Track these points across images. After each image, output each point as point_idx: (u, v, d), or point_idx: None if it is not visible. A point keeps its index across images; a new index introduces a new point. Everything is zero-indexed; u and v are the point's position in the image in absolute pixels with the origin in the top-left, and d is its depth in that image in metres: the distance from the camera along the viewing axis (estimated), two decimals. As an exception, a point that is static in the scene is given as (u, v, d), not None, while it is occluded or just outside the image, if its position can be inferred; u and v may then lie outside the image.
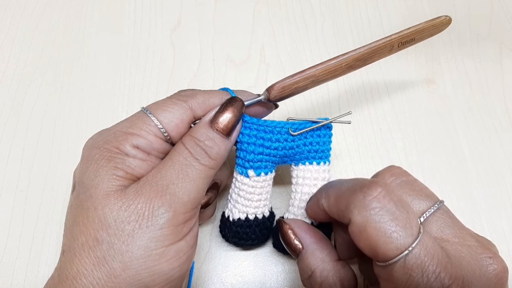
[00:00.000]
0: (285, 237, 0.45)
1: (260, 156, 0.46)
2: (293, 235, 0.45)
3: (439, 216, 0.39)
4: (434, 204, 0.39)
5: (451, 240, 0.37)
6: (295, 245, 0.44)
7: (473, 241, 0.37)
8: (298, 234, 0.44)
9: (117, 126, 0.43)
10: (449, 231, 0.38)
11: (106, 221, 0.37)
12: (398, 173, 0.42)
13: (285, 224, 0.45)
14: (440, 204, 0.40)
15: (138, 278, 0.37)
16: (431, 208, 0.39)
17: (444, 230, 0.38)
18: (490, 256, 0.37)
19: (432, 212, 0.39)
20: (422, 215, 0.39)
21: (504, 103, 0.66)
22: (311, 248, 0.43)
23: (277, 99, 0.46)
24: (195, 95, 0.44)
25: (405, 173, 0.43)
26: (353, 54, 0.47)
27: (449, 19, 0.52)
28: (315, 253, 0.43)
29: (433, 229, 0.38)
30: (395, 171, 0.43)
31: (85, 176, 0.39)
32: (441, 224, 0.38)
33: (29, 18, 0.72)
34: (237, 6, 0.74)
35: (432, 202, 0.40)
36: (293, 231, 0.45)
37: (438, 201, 0.40)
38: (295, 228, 0.45)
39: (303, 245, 0.44)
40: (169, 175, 0.40)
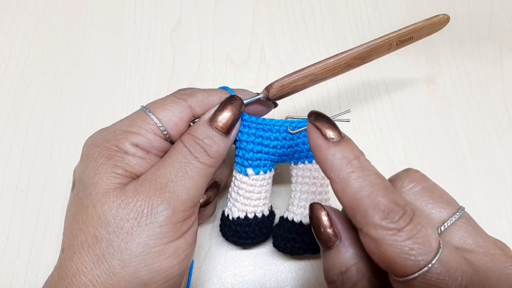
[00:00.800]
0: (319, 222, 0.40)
1: (259, 154, 0.46)
2: (329, 222, 0.39)
3: (461, 225, 0.36)
4: (456, 212, 0.37)
5: (475, 250, 0.35)
6: (330, 235, 0.39)
7: (497, 249, 0.35)
8: (336, 223, 0.39)
9: (116, 124, 0.43)
10: (472, 241, 0.36)
11: (105, 218, 0.37)
12: (418, 179, 0.39)
13: (321, 209, 0.40)
14: (462, 212, 0.37)
15: (137, 275, 0.37)
16: (452, 217, 0.37)
17: (466, 240, 0.36)
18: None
19: (454, 221, 0.37)
20: (443, 224, 0.36)
21: (504, 103, 0.66)
22: (350, 242, 0.38)
23: (276, 98, 0.46)
24: (195, 93, 0.44)
25: (424, 178, 0.40)
26: (351, 53, 0.47)
27: (447, 18, 0.52)
28: (354, 247, 0.38)
29: (455, 239, 0.36)
30: (415, 176, 0.40)
31: (85, 174, 0.40)
32: (464, 234, 0.36)
33: (29, 18, 0.72)
34: (237, 6, 0.74)
35: (453, 209, 0.37)
36: (331, 218, 0.40)
37: (459, 208, 0.38)
38: (334, 215, 0.40)
39: (340, 236, 0.39)
40: (168, 173, 0.40)
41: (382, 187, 0.35)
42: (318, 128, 0.38)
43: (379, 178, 0.36)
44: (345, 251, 0.38)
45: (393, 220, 0.33)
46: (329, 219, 0.39)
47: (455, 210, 0.37)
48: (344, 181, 0.35)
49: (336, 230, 0.39)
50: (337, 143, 0.37)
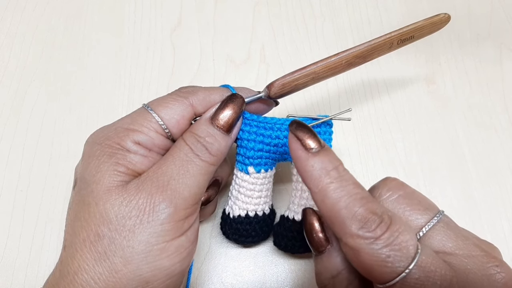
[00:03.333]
0: (311, 228, 0.40)
1: (260, 153, 0.46)
2: (321, 227, 0.40)
3: (440, 229, 0.37)
4: (434, 217, 0.38)
5: (455, 253, 0.36)
6: (321, 239, 0.40)
7: (477, 250, 0.36)
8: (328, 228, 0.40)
9: (118, 122, 0.43)
10: (452, 244, 0.36)
11: (107, 216, 0.37)
12: (395, 187, 0.40)
13: (314, 214, 0.41)
14: (440, 216, 0.38)
15: (139, 273, 0.37)
16: (430, 222, 0.37)
17: (446, 243, 0.37)
18: (497, 265, 0.35)
19: (432, 226, 0.37)
20: (421, 230, 0.37)
21: (504, 103, 0.66)
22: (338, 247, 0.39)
23: (277, 96, 0.47)
24: (196, 91, 0.44)
25: (401, 185, 0.41)
26: (353, 51, 0.47)
27: (448, 17, 0.52)
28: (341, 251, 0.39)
29: (435, 243, 0.37)
30: (391, 184, 0.41)
31: (87, 171, 0.40)
32: (443, 237, 0.37)
33: (29, 18, 0.72)
34: (237, 6, 0.74)
35: (431, 214, 0.38)
36: (322, 223, 0.40)
37: (437, 212, 0.38)
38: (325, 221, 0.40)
39: (332, 241, 0.39)
40: (170, 171, 0.40)
41: (359, 197, 0.35)
42: (298, 139, 0.38)
43: (357, 187, 0.36)
44: (336, 255, 0.39)
45: (370, 229, 0.34)
46: (320, 224, 0.40)
47: (433, 215, 0.38)
48: (322, 192, 0.36)
49: (328, 235, 0.40)
50: (316, 153, 0.37)
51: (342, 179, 0.36)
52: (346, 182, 0.36)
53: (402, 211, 0.39)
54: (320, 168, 0.37)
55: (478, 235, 0.39)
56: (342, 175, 0.37)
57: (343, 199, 0.35)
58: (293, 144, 0.38)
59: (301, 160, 0.38)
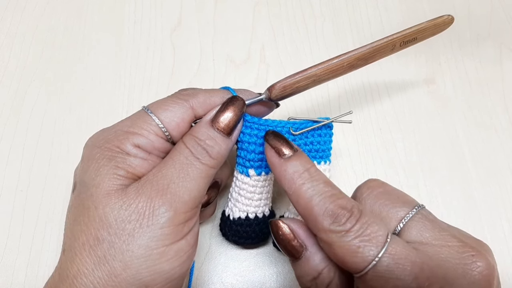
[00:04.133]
0: (284, 237, 0.40)
1: (261, 155, 0.46)
2: (292, 234, 0.40)
3: (418, 220, 0.39)
4: (412, 209, 0.39)
5: (431, 243, 0.37)
6: (295, 247, 0.40)
7: (454, 241, 0.37)
8: (299, 234, 0.40)
9: (118, 125, 0.43)
10: (429, 234, 0.38)
11: (107, 220, 0.37)
12: (374, 186, 0.42)
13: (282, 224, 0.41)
14: (419, 208, 0.40)
15: (138, 277, 0.37)
16: (409, 214, 0.39)
17: (423, 233, 0.38)
18: (473, 254, 0.36)
19: (411, 217, 0.39)
20: (400, 222, 0.39)
21: (504, 103, 0.66)
22: (316, 248, 0.39)
23: (278, 98, 0.46)
24: (196, 94, 0.44)
25: (381, 184, 0.43)
26: (355, 54, 0.47)
27: (451, 19, 0.52)
28: (321, 252, 0.39)
29: (413, 234, 0.38)
30: (371, 184, 0.43)
31: (86, 175, 0.40)
32: (420, 228, 0.38)
33: (29, 18, 0.72)
34: (237, 6, 0.74)
35: (410, 207, 0.40)
36: (292, 231, 0.40)
37: (415, 206, 0.40)
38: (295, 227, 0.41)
39: (306, 245, 0.40)
40: (170, 174, 0.40)
41: (329, 194, 0.38)
42: (272, 147, 0.41)
43: (327, 186, 0.39)
44: (313, 258, 0.40)
45: (341, 223, 0.36)
46: (291, 232, 0.41)
47: (412, 208, 0.40)
48: (296, 193, 0.39)
49: (300, 241, 0.40)
50: (289, 158, 0.40)
51: (313, 180, 0.39)
52: (317, 181, 0.39)
53: (382, 206, 0.40)
54: (292, 172, 0.39)
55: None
56: (313, 175, 0.39)
57: (315, 197, 0.38)
58: (268, 153, 0.41)
59: (275, 166, 0.41)
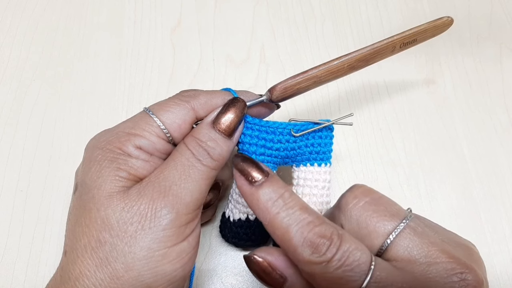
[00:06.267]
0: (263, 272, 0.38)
1: (262, 157, 0.46)
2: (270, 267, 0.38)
3: (406, 236, 0.37)
4: (400, 223, 0.37)
5: (419, 261, 0.36)
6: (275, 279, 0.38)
7: (443, 257, 0.36)
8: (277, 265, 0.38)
9: (119, 126, 0.43)
10: (417, 251, 0.36)
11: (108, 222, 0.37)
12: (361, 194, 0.40)
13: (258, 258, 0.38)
14: (406, 221, 0.38)
15: (140, 279, 0.37)
16: (396, 229, 0.37)
17: (411, 251, 0.36)
18: (462, 272, 0.35)
19: (398, 233, 0.37)
20: (388, 237, 0.37)
21: (504, 103, 0.66)
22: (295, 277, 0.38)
23: (279, 100, 0.46)
24: (198, 95, 0.44)
25: (368, 192, 0.41)
26: (355, 55, 0.47)
27: (451, 20, 0.52)
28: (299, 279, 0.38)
29: (400, 251, 0.37)
30: (358, 192, 0.40)
31: (88, 177, 0.39)
32: (408, 245, 0.37)
33: (29, 18, 0.72)
34: (237, 6, 0.74)
35: (397, 221, 0.38)
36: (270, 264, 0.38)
37: (404, 218, 0.38)
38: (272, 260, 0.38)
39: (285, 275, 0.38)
40: (171, 176, 0.39)
41: (306, 222, 0.36)
42: (243, 173, 0.39)
43: (303, 213, 0.36)
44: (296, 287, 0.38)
45: (321, 253, 0.34)
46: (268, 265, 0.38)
47: (400, 221, 0.38)
48: (272, 224, 0.37)
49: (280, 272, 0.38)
50: (260, 186, 0.38)
51: (288, 207, 0.36)
52: (292, 209, 0.36)
53: (369, 218, 0.38)
54: (265, 200, 0.37)
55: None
56: (288, 202, 0.37)
57: (291, 227, 0.35)
58: (237, 180, 0.39)
59: (247, 195, 0.38)
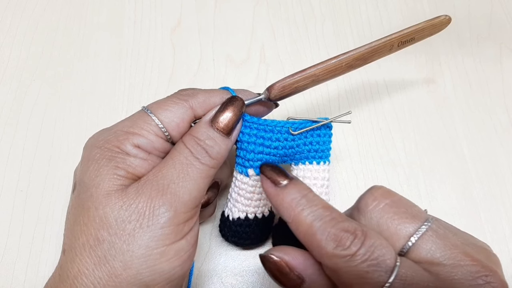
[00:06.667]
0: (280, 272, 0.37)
1: (260, 155, 0.46)
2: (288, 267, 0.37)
3: (428, 238, 0.36)
4: (421, 226, 0.36)
5: (443, 263, 0.35)
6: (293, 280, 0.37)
7: (467, 260, 0.35)
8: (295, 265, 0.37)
9: (117, 125, 0.43)
10: (440, 253, 0.35)
11: (107, 220, 0.37)
12: (380, 196, 0.39)
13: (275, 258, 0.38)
14: (428, 224, 0.37)
15: (139, 277, 0.37)
16: (418, 231, 0.36)
17: (434, 253, 0.35)
18: (486, 275, 0.34)
19: (420, 235, 0.36)
20: (409, 240, 0.36)
21: (504, 103, 0.66)
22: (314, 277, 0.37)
23: (277, 98, 0.46)
24: (196, 94, 0.44)
25: (387, 194, 0.39)
26: (353, 54, 0.47)
27: (448, 19, 0.52)
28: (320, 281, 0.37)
29: (423, 253, 0.36)
30: (377, 194, 0.39)
31: (86, 175, 0.39)
32: (431, 247, 0.36)
33: (29, 18, 0.72)
34: (237, 6, 0.74)
35: (419, 223, 0.37)
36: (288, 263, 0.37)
37: (425, 220, 0.37)
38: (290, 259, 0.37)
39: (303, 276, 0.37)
40: (170, 174, 0.40)
41: (329, 218, 0.36)
42: (268, 177, 0.41)
43: (327, 210, 0.37)
44: None
45: (345, 247, 0.34)
46: (286, 265, 0.37)
47: (421, 223, 0.37)
48: (296, 220, 0.37)
49: (297, 273, 0.37)
50: (285, 187, 0.40)
51: (312, 205, 0.38)
52: (316, 206, 0.37)
53: (390, 220, 0.38)
54: (290, 200, 0.38)
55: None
56: (311, 201, 0.38)
57: (315, 223, 0.36)
58: (264, 184, 0.41)
59: (272, 196, 0.40)
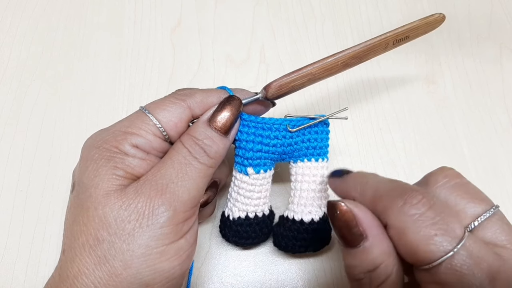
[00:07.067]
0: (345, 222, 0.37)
1: (259, 153, 0.46)
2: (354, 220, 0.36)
3: (495, 221, 0.36)
4: (490, 209, 0.36)
5: (507, 247, 0.35)
6: (356, 235, 0.36)
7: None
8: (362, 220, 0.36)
9: (116, 125, 0.43)
10: (505, 237, 0.35)
11: (106, 220, 0.37)
12: (452, 175, 0.39)
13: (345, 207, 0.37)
14: (496, 209, 0.37)
15: (139, 276, 0.37)
16: (486, 213, 0.36)
17: (499, 236, 0.35)
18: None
19: (487, 217, 0.36)
20: (476, 219, 0.36)
21: (504, 103, 0.66)
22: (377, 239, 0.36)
23: (274, 97, 0.46)
24: (194, 94, 0.44)
25: (458, 175, 0.39)
26: (348, 52, 0.47)
27: (442, 17, 0.52)
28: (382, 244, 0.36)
29: (488, 234, 0.35)
30: (448, 172, 0.39)
31: (85, 175, 0.40)
32: (496, 230, 0.35)
33: (29, 18, 0.72)
34: (237, 6, 0.74)
35: (487, 206, 0.37)
36: (356, 216, 0.36)
37: (493, 205, 0.37)
38: (358, 213, 0.37)
39: (367, 234, 0.36)
40: (168, 174, 0.40)
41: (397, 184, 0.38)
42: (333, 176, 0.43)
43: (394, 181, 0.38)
44: (372, 250, 0.36)
45: (413, 204, 0.34)
46: (354, 217, 0.37)
47: (489, 207, 0.37)
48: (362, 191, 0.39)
49: (362, 229, 0.36)
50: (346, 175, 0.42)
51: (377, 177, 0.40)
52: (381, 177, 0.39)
53: (459, 199, 0.37)
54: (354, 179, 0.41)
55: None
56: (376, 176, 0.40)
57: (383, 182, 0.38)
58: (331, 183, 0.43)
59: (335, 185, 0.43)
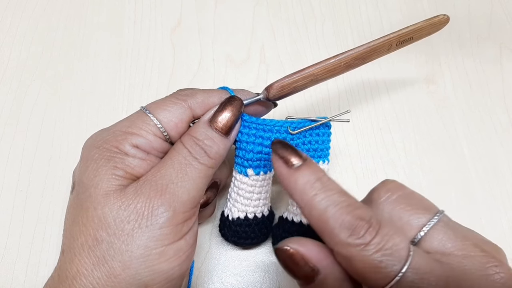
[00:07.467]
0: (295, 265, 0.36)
1: (259, 155, 0.46)
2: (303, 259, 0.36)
3: (440, 229, 0.36)
4: (433, 217, 0.37)
5: (454, 254, 0.35)
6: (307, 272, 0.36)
7: (477, 251, 0.35)
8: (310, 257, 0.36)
9: (116, 125, 0.43)
10: (451, 244, 0.35)
11: (105, 220, 0.37)
12: (394, 188, 0.39)
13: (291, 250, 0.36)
14: (440, 215, 0.37)
15: (138, 277, 0.37)
16: (430, 221, 0.36)
17: (445, 243, 0.36)
18: (496, 265, 0.34)
19: (432, 226, 0.36)
20: (421, 230, 0.36)
21: (504, 103, 0.66)
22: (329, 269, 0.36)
23: (276, 98, 0.46)
24: (194, 94, 0.44)
25: (400, 187, 0.40)
26: (351, 53, 0.47)
27: (447, 18, 0.52)
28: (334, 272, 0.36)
29: (434, 244, 0.36)
30: (390, 186, 0.40)
31: (85, 175, 0.40)
32: (442, 238, 0.36)
33: (29, 18, 0.72)
34: (237, 6, 0.74)
35: (431, 214, 0.37)
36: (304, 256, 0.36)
37: (437, 212, 0.37)
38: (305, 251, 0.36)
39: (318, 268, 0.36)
40: (168, 174, 0.40)
41: (345, 204, 0.35)
42: (280, 157, 0.38)
43: (342, 195, 0.36)
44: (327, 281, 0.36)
45: (359, 236, 0.33)
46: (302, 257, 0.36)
47: (433, 215, 0.37)
48: (308, 205, 0.36)
49: (312, 265, 0.36)
50: (298, 168, 0.37)
51: (327, 189, 0.36)
52: (331, 191, 0.36)
53: (402, 211, 0.38)
54: (303, 182, 0.36)
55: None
56: (326, 185, 0.36)
57: (329, 208, 0.35)
58: (275, 163, 0.38)
59: (284, 177, 0.38)
